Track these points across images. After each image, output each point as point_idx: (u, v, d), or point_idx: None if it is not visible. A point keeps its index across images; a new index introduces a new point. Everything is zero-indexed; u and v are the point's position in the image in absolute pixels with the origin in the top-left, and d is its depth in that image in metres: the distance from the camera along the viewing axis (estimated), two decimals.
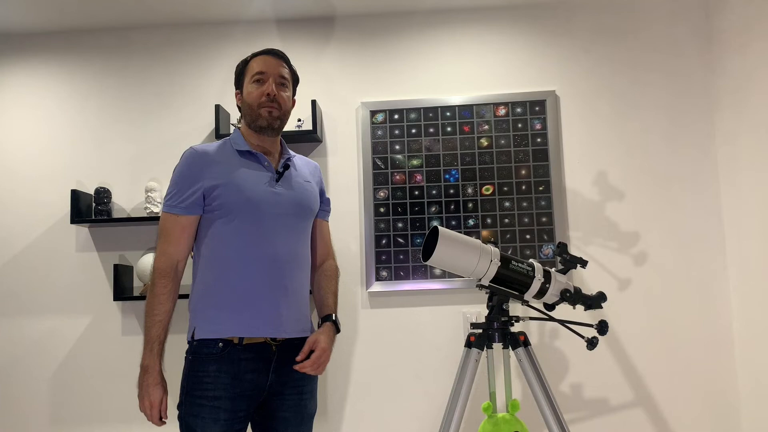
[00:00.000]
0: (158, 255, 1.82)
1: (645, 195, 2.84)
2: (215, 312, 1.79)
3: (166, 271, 1.80)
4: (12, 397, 2.84)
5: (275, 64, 1.92)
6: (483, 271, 1.97)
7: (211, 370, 1.74)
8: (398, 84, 2.96)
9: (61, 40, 3.04)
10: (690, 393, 2.74)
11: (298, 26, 3.01)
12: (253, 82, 1.90)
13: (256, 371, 1.77)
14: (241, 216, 1.81)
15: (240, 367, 1.76)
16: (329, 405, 2.80)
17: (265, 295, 1.80)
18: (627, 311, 2.79)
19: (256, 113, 1.88)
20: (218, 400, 1.72)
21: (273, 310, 1.80)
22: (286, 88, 1.93)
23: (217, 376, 1.74)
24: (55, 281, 2.89)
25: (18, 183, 2.96)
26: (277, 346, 1.81)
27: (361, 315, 2.83)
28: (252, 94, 1.89)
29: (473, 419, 2.75)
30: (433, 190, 2.86)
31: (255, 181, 1.84)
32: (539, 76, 2.93)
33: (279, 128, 1.92)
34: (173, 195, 1.83)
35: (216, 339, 1.76)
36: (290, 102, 1.96)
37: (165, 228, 1.83)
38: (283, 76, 1.92)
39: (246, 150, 1.89)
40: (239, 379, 1.75)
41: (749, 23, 2.59)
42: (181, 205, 1.82)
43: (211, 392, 1.73)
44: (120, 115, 2.99)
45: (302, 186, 1.94)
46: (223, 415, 1.72)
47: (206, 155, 1.86)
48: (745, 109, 2.63)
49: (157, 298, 1.78)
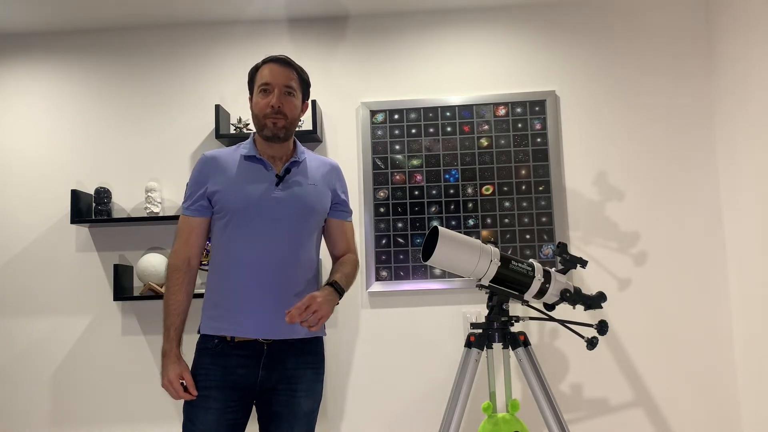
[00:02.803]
0: (171, 254, 1.97)
1: (645, 195, 2.84)
2: (215, 311, 1.90)
3: (177, 266, 1.93)
4: (12, 397, 2.84)
5: (282, 73, 1.95)
6: (483, 271, 1.97)
7: (206, 363, 1.87)
8: (398, 84, 2.96)
9: (61, 40, 3.04)
10: (690, 393, 2.74)
11: (298, 26, 3.01)
12: (260, 92, 1.95)
13: (246, 366, 1.86)
14: (237, 220, 1.89)
15: (231, 361, 1.85)
16: (329, 405, 2.80)
17: (256, 298, 1.86)
18: (627, 311, 2.79)
19: (262, 123, 1.94)
20: (209, 390, 1.84)
21: (263, 312, 1.86)
22: (293, 97, 1.96)
23: (210, 369, 1.85)
24: (55, 281, 2.89)
25: (18, 183, 2.96)
26: (269, 345, 1.87)
27: (361, 315, 2.83)
28: (258, 105, 1.95)
29: (473, 419, 2.75)
30: (433, 190, 2.86)
31: (254, 186, 1.91)
32: (539, 76, 2.93)
33: (286, 136, 1.96)
34: (186, 198, 1.97)
35: (213, 336, 1.88)
36: (298, 109, 2.00)
37: (179, 228, 1.98)
38: (289, 86, 1.95)
39: (252, 155, 1.96)
40: (230, 372, 1.85)
41: (749, 24, 2.58)
42: (192, 207, 1.95)
43: (203, 383, 1.85)
44: (120, 115, 2.99)
45: (305, 188, 1.96)
46: (214, 404, 1.83)
47: (214, 161, 1.97)
48: (745, 109, 2.63)
49: (170, 290, 1.92)
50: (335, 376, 2.81)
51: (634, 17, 2.93)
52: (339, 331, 2.83)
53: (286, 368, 1.88)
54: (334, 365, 2.82)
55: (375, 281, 2.81)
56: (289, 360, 1.88)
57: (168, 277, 1.94)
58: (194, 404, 1.84)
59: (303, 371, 1.90)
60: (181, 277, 1.92)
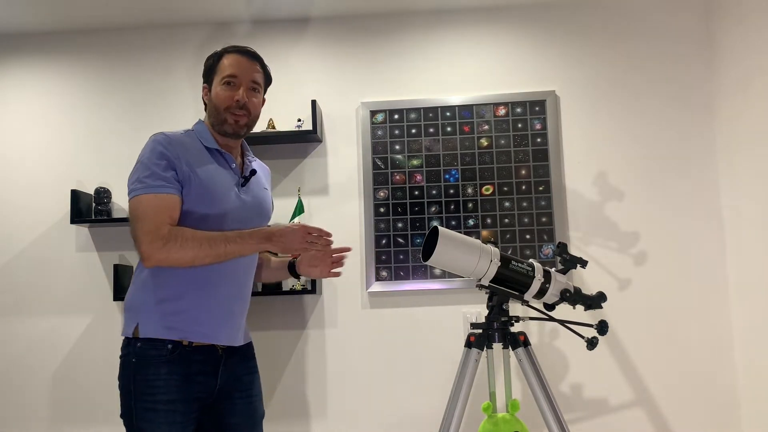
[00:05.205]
0: (144, 240, 1.63)
1: (645, 195, 2.84)
2: (168, 311, 1.69)
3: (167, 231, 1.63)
4: (12, 396, 2.84)
5: (249, 67, 1.82)
6: (483, 271, 1.97)
7: (162, 372, 1.65)
8: (398, 84, 2.96)
9: (61, 40, 3.04)
10: (690, 393, 2.74)
11: (298, 26, 3.01)
12: (223, 83, 1.80)
13: (205, 373, 1.71)
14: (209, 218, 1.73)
15: (191, 368, 1.69)
16: (329, 405, 2.80)
17: (224, 303, 1.76)
18: (627, 311, 2.79)
19: (222, 117, 1.79)
20: (173, 404, 1.65)
21: (231, 318, 1.78)
22: (257, 93, 1.84)
23: (169, 379, 1.66)
24: (55, 281, 2.89)
25: (18, 183, 2.96)
26: (224, 350, 1.77)
27: (361, 315, 2.83)
28: (220, 96, 1.79)
29: (473, 419, 2.75)
30: (433, 190, 2.85)
31: (225, 185, 1.77)
32: (539, 76, 2.93)
33: (245, 134, 1.85)
34: (151, 175, 1.66)
35: (165, 340, 1.67)
36: (260, 106, 1.87)
37: (141, 210, 1.65)
38: (255, 81, 1.83)
39: (215, 148, 1.80)
40: (190, 380, 1.68)
41: (749, 24, 2.58)
42: (168, 184, 1.66)
43: (164, 395, 1.65)
44: (120, 115, 2.99)
45: (262, 194, 1.91)
46: (179, 417, 1.66)
47: (180, 144, 1.73)
48: (745, 109, 2.62)
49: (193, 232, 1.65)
50: (335, 376, 2.81)
51: (634, 17, 2.93)
52: (339, 331, 2.83)
53: (239, 375, 1.81)
54: (334, 365, 2.82)
55: (375, 281, 2.81)
56: (238, 366, 1.81)
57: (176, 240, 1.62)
58: (155, 420, 1.64)
59: (253, 375, 1.87)
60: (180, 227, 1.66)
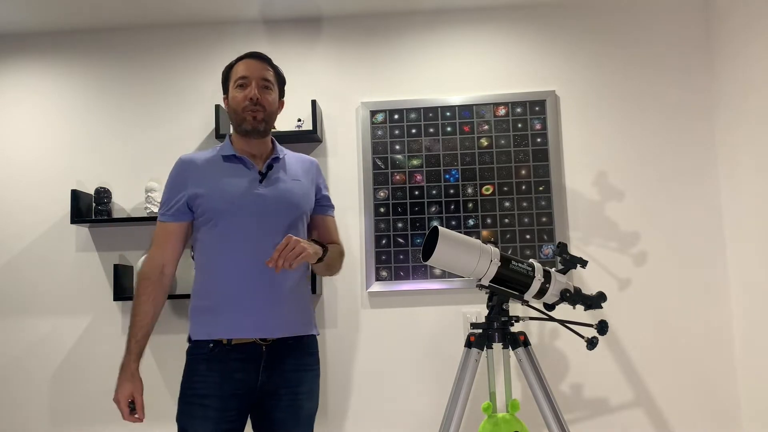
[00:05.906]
0: (145, 260, 1.92)
1: (645, 195, 2.84)
2: (206, 315, 1.84)
3: (148, 274, 1.88)
4: (12, 397, 2.84)
5: (258, 67, 1.94)
6: (483, 271, 1.96)
7: (201, 369, 1.80)
8: (398, 84, 2.96)
9: (61, 40, 3.04)
10: (690, 393, 2.74)
11: (298, 26, 3.01)
12: (236, 86, 1.93)
13: (245, 371, 1.80)
14: (224, 221, 1.85)
15: (229, 366, 1.79)
16: (330, 405, 2.80)
17: (250, 296, 1.82)
18: (627, 311, 2.79)
19: (241, 117, 1.91)
20: (208, 398, 1.77)
21: (258, 311, 1.82)
22: (270, 91, 1.94)
23: (207, 375, 1.78)
24: (55, 281, 2.89)
25: (18, 183, 2.96)
26: (267, 346, 1.83)
27: (361, 315, 2.83)
28: (236, 99, 1.92)
29: (473, 419, 2.75)
30: (433, 190, 2.85)
31: (236, 185, 1.87)
32: (539, 76, 2.93)
33: (265, 130, 1.94)
34: (163, 203, 1.93)
35: (207, 340, 1.81)
36: (276, 103, 1.98)
37: (155, 234, 1.93)
38: (266, 79, 1.93)
39: (231, 155, 1.92)
40: (228, 378, 1.78)
41: (749, 23, 2.59)
42: (168, 212, 1.90)
43: (201, 391, 1.78)
44: (120, 115, 2.99)
45: (289, 185, 1.94)
46: (213, 413, 1.76)
47: (192, 164, 1.93)
48: (745, 108, 2.63)
49: (138, 299, 1.87)
50: (335, 376, 2.81)
51: (634, 17, 2.93)
52: (339, 331, 2.83)
53: (286, 371, 1.85)
54: (334, 365, 2.82)
55: (375, 281, 2.81)
56: (288, 362, 1.85)
57: (137, 285, 1.88)
58: (191, 414, 1.77)
59: (303, 373, 1.88)
60: (150, 286, 1.86)
